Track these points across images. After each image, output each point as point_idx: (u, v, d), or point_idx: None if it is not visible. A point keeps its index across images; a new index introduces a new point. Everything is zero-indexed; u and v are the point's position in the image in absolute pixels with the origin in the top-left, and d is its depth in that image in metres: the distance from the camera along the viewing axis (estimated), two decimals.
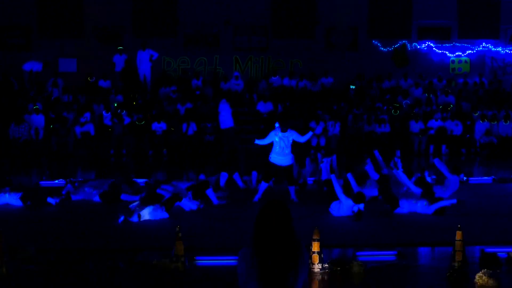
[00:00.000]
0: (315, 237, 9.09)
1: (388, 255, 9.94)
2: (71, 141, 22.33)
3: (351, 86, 26.33)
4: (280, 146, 13.29)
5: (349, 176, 13.32)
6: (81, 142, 22.35)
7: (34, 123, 22.50)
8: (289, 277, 4.32)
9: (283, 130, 13.36)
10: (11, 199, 13.59)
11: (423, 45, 28.00)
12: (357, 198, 12.12)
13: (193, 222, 12.04)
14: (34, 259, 9.53)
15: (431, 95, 25.75)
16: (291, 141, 13.38)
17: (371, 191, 13.55)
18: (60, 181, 16.24)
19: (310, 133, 13.75)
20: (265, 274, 4.32)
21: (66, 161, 21.28)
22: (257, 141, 13.91)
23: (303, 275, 4.42)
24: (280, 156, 13.35)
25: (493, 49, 28.16)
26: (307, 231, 9.20)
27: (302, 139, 13.49)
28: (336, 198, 12.48)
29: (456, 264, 8.94)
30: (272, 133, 13.49)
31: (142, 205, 12.27)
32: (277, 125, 14.19)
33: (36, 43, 26.73)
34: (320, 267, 9.04)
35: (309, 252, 8.90)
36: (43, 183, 16.41)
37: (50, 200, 13.57)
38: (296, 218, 4.50)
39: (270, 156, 13.51)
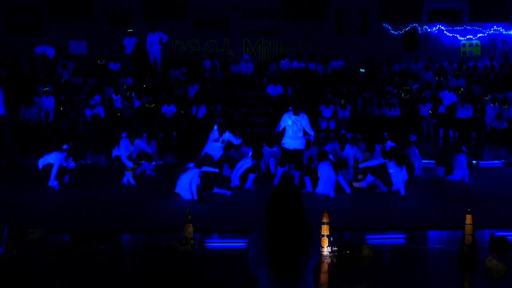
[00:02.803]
0: (324, 220, 9.11)
1: (397, 239, 9.96)
2: (81, 124, 22.39)
3: (361, 70, 26.22)
4: (293, 129, 13.18)
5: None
6: (91, 124, 22.38)
7: (44, 106, 22.55)
8: (300, 261, 4.33)
9: (296, 113, 13.24)
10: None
11: (434, 29, 27.81)
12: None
13: (203, 206, 12.09)
14: (44, 241, 9.61)
15: (441, 79, 25.62)
16: (303, 125, 13.29)
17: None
18: (70, 163, 16.28)
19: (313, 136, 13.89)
20: (275, 257, 4.33)
21: (76, 144, 21.31)
22: (276, 130, 13.75)
23: (314, 259, 4.43)
24: (294, 140, 13.23)
25: (504, 32, 27.92)
26: (316, 214, 9.22)
27: (310, 131, 13.41)
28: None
29: (465, 248, 8.92)
30: (285, 116, 13.30)
31: None
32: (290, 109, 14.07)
33: (46, 25, 26.73)
34: (330, 250, 9.07)
35: (319, 236, 8.93)
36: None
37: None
38: (305, 202, 4.50)
39: (283, 141, 13.39)
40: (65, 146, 13.96)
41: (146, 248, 9.42)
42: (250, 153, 13.93)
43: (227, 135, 14.70)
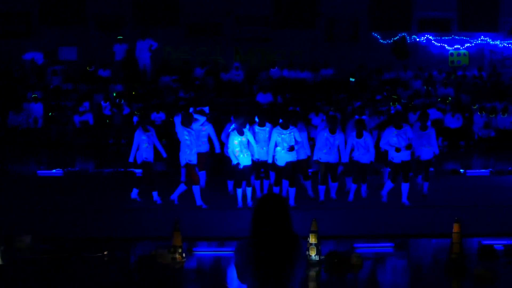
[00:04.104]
0: (312, 228, 9.09)
1: (385, 247, 9.98)
2: (70, 130, 22.32)
3: (351, 79, 26.30)
4: (283, 146, 12.47)
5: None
6: (80, 131, 22.32)
7: (33, 112, 22.47)
8: (285, 272, 4.32)
9: (285, 127, 12.62)
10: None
11: (423, 38, 27.95)
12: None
13: (194, 212, 12.06)
14: (31, 248, 9.55)
15: (430, 88, 25.73)
16: (294, 137, 12.61)
17: None
18: (58, 170, 16.28)
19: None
20: (260, 267, 4.32)
21: (65, 150, 21.26)
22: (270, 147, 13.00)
23: (299, 270, 4.41)
24: (286, 154, 12.54)
25: (492, 42, 28.11)
26: (305, 223, 9.22)
27: (299, 138, 12.74)
28: None
29: (453, 256, 8.96)
30: (274, 134, 12.59)
31: None
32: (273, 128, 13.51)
33: (36, 30, 26.65)
34: (318, 259, 9.05)
35: (307, 244, 8.91)
36: (41, 172, 16.43)
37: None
38: (293, 209, 4.50)
39: (274, 158, 12.60)
40: None
41: (134, 256, 9.39)
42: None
43: None
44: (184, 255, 9.15)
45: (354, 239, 10.22)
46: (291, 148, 12.32)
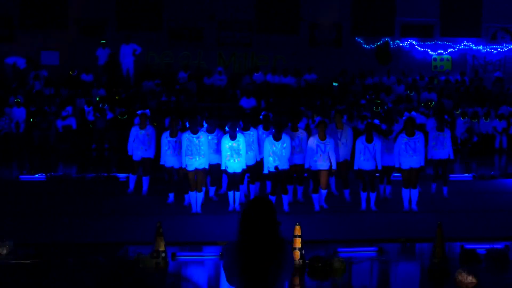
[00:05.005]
0: (296, 233, 9.10)
1: (368, 251, 9.99)
2: (53, 135, 22.17)
3: (334, 84, 26.38)
4: (273, 158, 12.28)
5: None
6: (62, 136, 22.18)
7: (15, 116, 22.31)
8: (271, 275, 4.34)
9: (277, 138, 12.31)
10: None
11: (406, 43, 28.13)
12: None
13: (178, 218, 12.03)
14: (13, 253, 9.47)
15: (412, 93, 25.86)
16: (286, 145, 12.33)
17: None
18: (41, 175, 16.17)
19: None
20: (247, 269, 4.34)
21: (48, 155, 21.13)
22: (259, 157, 12.97)
23: (286, 273, 4.43)
24: (279, 161, 12.29)
25: (474, 47, 28.35)
26: (288, 227, 9.21)
27: (290, 148, 12.47)
28: None
29: (436, 261, 9.00)
30: (267, 145, 12.31)
31: None
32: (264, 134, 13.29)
33: (18, 34, 26.48)
34: (301, 263, 9.06)
35: (292, 249, 8.91)
36: (24, 177, 16.31)
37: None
38: (278, 213, 4.50)
39: (264, 168, 12.40)
40: None
41: (117, 260, 9.33)
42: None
43: None
44: (167, 260, 9.11)
45: (338, 244, 10.23)
46: (276, 169, 12.20)
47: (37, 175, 16.29)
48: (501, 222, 12.05)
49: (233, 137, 12.30)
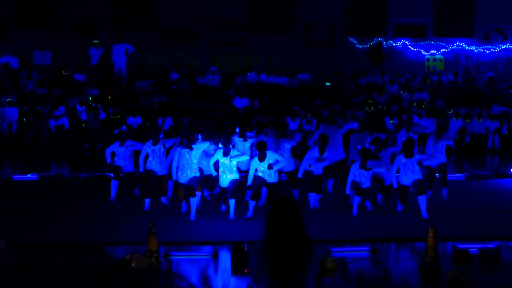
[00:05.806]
0: None
1: (361, 251, 10.01)
2: (45, 135, 22.11)
3: (327, 83, 26.41)
4: (263, 175, 12.14)
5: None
6: (55, 135, 22.12)
7: (7, 116, 22.24)
8: (299, 273, 4.39)
9: (262, 159, 12.06)
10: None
11: (399, 43, 28.17)
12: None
13: (171, 217, 12.02)
14: (5, 254, 9.44)
15: (406, 93, 25.90)
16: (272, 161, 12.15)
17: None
18: (33, 175, 16.14)
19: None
20: (275, 269, 4.38)
21: (40, 155, 21.07)
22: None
23: (313, 270, 4.49)
24: (268, 177, 12.21)
25: (467, 48, 28.42)
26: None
27: (281, 157, 12.39)
28: None
29: (428, 260, 9.03)
30: (253, 165, 12.11)
31: None
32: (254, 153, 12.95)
33: (10, 34, 26.39)
34: None
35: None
36: (16, 176, 16.27)
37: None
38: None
39: (249, 181, 12.20)
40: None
41: (110, 260, 9.32)
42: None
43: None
44: (160, 259, 9.10)
45: (331, 243, 10.25)
46: (269, 167, 12.10)
47: (29, 175, 16.25)
48: (493, 222, 12.10)
49: (226, 154, 12.13)
